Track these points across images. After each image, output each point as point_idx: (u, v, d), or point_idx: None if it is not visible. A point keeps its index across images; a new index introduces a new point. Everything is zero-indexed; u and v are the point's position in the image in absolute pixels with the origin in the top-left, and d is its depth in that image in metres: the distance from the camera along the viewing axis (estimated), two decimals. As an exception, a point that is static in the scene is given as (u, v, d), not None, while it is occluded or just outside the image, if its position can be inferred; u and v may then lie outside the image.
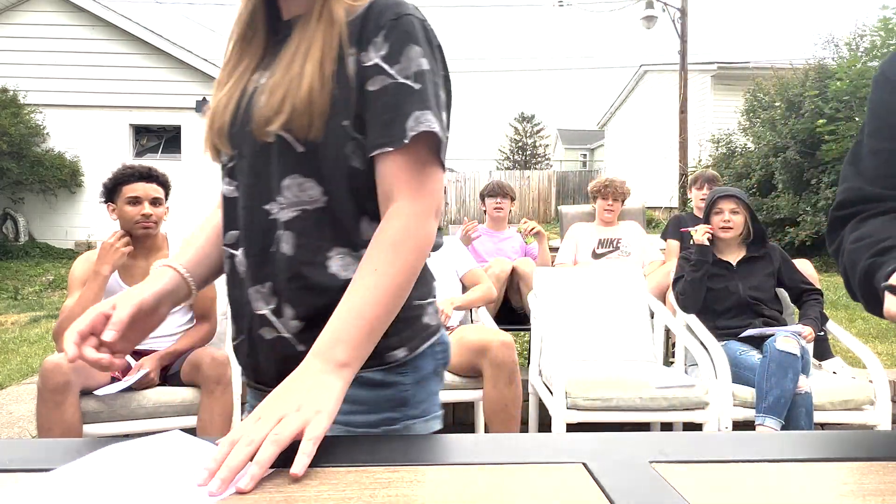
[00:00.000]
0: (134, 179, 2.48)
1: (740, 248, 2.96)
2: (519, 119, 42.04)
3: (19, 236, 10.11)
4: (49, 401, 2.11)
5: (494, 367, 2.42)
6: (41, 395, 2.12)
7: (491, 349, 2.43)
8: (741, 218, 2.90)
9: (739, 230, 2.91)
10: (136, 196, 2.46)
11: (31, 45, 10.26)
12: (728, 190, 2.99)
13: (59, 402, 2.11)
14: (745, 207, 2.91)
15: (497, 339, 2.46)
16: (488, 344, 2.44)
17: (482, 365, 2.46)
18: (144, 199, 2.47)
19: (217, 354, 2.31)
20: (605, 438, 0.72)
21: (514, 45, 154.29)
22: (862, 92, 8.48)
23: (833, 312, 5.02)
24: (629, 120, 18.91)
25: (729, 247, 2.94)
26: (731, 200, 2.90)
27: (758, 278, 2.87)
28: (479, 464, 0.65)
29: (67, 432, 2.14)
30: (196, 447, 0.69)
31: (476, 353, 2.47)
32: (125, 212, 2.47)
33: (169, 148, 10.81)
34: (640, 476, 0.61)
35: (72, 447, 0.69)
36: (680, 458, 0.66)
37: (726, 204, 2.91)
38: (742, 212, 2.91)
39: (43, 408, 2.12)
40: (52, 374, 2.11)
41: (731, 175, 10.53)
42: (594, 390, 2.41)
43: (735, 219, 2.89)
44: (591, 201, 4.06)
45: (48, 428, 2.12)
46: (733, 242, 2.94)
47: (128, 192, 2.46)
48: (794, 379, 2.37)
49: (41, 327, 5.32)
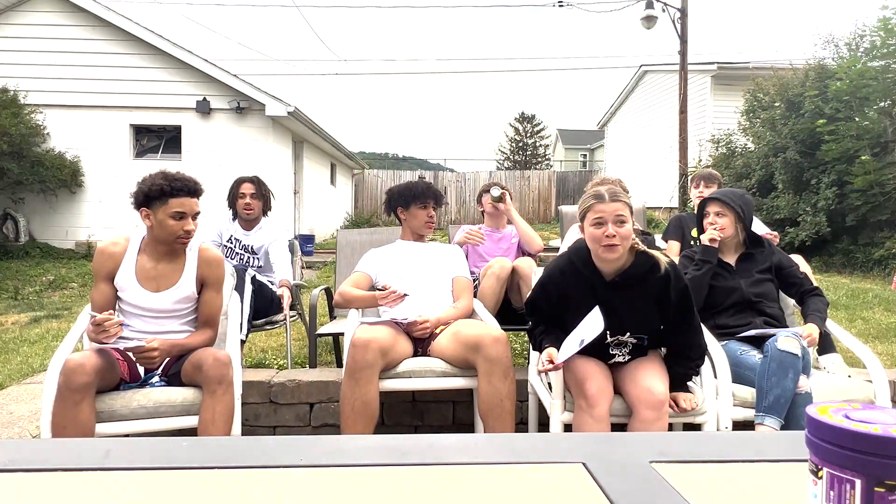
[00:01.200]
0: (184, 194, 2.40)
1: (737, 248, 2.96)
2: (519, 119, 42.06)
3: (19, 236, 10.11)
4: (68, 399, 2.12)
5: (488, 362, 2.43)
6: (60, 394, 2.13)
7: (484, 345, 2.43)
8: (727, 220, 2.87)
9: (730, 232, 2.88)
10: (182, 212, 2.40)
11: (31, 45, 10.27)
12: (718, 192, 3.00)
13: (78, 402, 2.13)
14: (730, 209, 2.88)
15: (490, 334, 2.47)
16: (482, 339, 2.45)
17: (476, 361, 2.46)
18: (190, 214, 2.42)
19: (219, 355, 2.31)
20: (605, 438, 0.72)
21: (514, 45, 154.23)
22: (862, 92, 8.49)
23: (833, 312, 5.02)
24: (629, 120, 18.91)
25: (726, 248, 2.94)
26: (715, 203, 2.91)
27: (758, 273, 2.88)
28: (479, 464, 0.65)
29: (81, 432, 2.15)
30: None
31: (470, 349, 2.48)
32: (168, 225, 2.39)
33: (169, 148, 10.81)
34: (640, 476, 0.61)
35: (72, 447, 0.69)
36: (680, 458, 0.66)
37: (712, 207, 2.92)
38: (728, 213, 2.88)
39: (61, 406, 2.12)
40: (75, 373, 2.12)
41: (731, 175, 10.54)
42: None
43: (720, 221, 2.87)
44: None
45: (63, 426, 2.12)
46: (729, 245, 2.94)
47: (175, 205, 2.38)
48: (794, 379, 2.37)
49: (41, 327, 5.32)
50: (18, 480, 0.62)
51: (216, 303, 2.57)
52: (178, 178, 2.41)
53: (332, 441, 0.82)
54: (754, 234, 2.96)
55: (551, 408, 2.40)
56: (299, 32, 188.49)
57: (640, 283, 2.24)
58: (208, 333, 2.53)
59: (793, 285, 2.93)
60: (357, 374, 2.41)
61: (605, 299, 2.24)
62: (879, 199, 8.21)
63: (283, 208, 11.17)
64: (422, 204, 3.12)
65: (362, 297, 2.89)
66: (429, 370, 2.59)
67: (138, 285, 2.45)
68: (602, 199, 2.19)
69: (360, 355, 2.42)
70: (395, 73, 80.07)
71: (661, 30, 24.15)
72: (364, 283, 3.00)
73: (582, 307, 2.26)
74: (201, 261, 2.53)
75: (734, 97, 12.55)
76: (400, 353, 2.64)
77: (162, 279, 2.47)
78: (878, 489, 0.54)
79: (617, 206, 2.18)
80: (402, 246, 3.16)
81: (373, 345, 2.43)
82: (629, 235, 2.18)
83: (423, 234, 3.17)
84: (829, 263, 8.97)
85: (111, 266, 2.46)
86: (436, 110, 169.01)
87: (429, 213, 3.13)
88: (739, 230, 2.92)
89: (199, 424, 2.27)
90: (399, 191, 3.17)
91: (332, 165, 16.23)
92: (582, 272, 2.30)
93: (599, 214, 2.17)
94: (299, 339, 4.24)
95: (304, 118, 11.30)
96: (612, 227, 2.15)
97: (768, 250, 2.96)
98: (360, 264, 3.10)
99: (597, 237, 2.18)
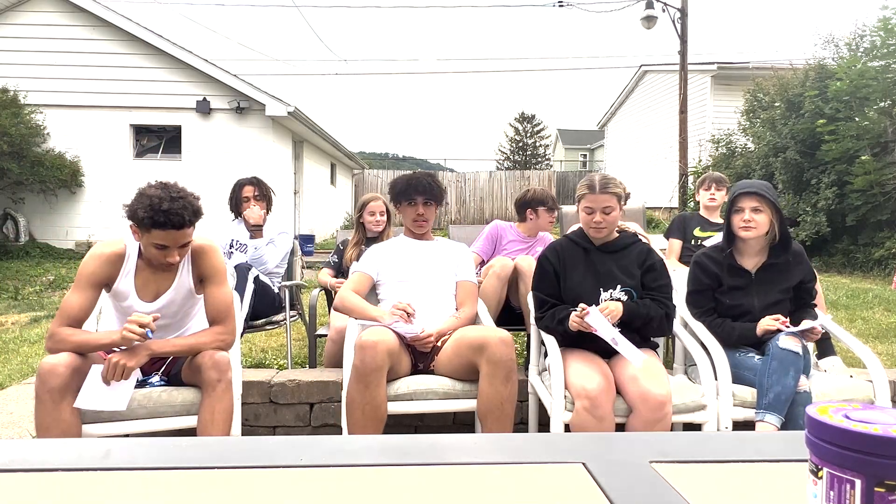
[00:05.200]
0: (167, 227, 2.17)
1: (762, 252, 2.69)
2: (519, 119, 42.04)
3: (20, 236, 10.11)
4: (47, 402, 2.11)
5: (492, 364, 2.39)
6: (39, 397, 2.12)
7: (489, 346, 2.40)
8: (765, 217, 2.59)
9: (763, 230, 2.59)
10: (164, 244, 2.22)
11: (31, 45, 10.27)
12: (751, 185, 2.63)
13: (57, 402, 2.11)
14: (769, 205, 2.58)
15: (496, 335, 2.43)
16: (487, 340, 2.41)
17: (479, 362, 2.42)
18: (174, 246, 2.23)
19: (218, 355, 2.30)
20: (605, 438, 0.72)
21: (514, 45, 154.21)
22: (862, 92, 8.49)
23: (833, 312, 5.02)
24: (629, 120, 18.91)
25: (750, 249, 2.69)
26: (752, 198, 2.58)
27: (775, 293, 2.65)
28: (479, 464, 0.65)
29: (66, 432, 2.14)
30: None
31: (474, 350, 2.44)
32: (151, 252, 2.25)
33: (169, 148, 10.82)
34: (640, 476, 0.61)
35: (72, 447, 0.69)
36: (680, 458, 0.66)
37: (748, 202, 2.59)
38: (766, 210, 2.58)
39: (41, 408, 2.12)
40: (49, 375, 2.11)
41: (731, 175, 10.53)
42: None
43: (757, 218, 2.58)
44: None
45: (46, 427, 2.12)
46: (755, 244, 2.67)
47: (157, 237, 2.19)
48: (795, 377, 2.37)
49: (41, 327, 5.31)
50: (18, 480, 0.62)
51: (219, 297, 2.39)
52: (164, 212, 2.15)
53: (332, 441, 0.82)
54: (786, 233, 2.63)
55: (551, 408, 2.40)
56: (299, 32, 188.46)
57: (624, 249, 2.64)
58: (215, 332, 2.36)
59: (799, 299, 2.72)
60: (367, 377, 2.34)
61: (597, 259, 2.62)
62: (879, 199, 8.21)
63: (284, 208, 11.17)
64: (408, 200, 2.87)
65: (364, 311, 2.71)
66: (430, 391, 2.52)
67: (138, 299, 2.36)
68: (593, 191, 2.55)
69: (369, 357, 2.34)
70: (395, 73, 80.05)
71: (661, 30, 24.17)
72: (366, 285, 2.86)
73: (578, 270, 2.61)
74: (194, 254, 2.39)
75: (734, 97, 12.56)
76: (401, 367, 2.55)
77: (161, 283, 2.39)
78: (878, 489, 0.54)
79: (605, 197, 2.54)
80: (405, 243, 2.96)
81: (381, 346, 2.36)
82: (615, 220, 2.58)
83: (415, 232, 2.93)
84: (829, 263, 8.97)
85: (110, 272, 2.32)
86: (436, 110, 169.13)
87: (417, 211, 2.86)
88: (775, 227, 2.62)
89: (199, 424, 2.27)
90: (392, 184, 2.97)
91: (332, 165, 16.23)
92: (577, 242, 2.67)
93: (590, 204, 2.56)
94: (299, 339, 4.24)
95: (304, 118, 11.30)
96: (599, 215, 2.55)
97: (795, 261, 2.67)
98: (361, 262, 2.95)
99: (587, 221, 2.59)
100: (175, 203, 2.18)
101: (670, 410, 2.29)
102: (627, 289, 2.57)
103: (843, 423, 0.56)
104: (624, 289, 2.57)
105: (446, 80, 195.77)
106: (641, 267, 2.61)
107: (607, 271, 2.59)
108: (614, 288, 2.58)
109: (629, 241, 2.66)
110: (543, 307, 2.63)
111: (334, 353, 3.23)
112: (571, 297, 2.56)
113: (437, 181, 2.91)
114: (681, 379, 2.69)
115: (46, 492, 0.64)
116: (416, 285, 2.82)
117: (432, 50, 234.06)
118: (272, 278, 3.80)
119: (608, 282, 2.58)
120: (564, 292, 2.61)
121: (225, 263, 2.56)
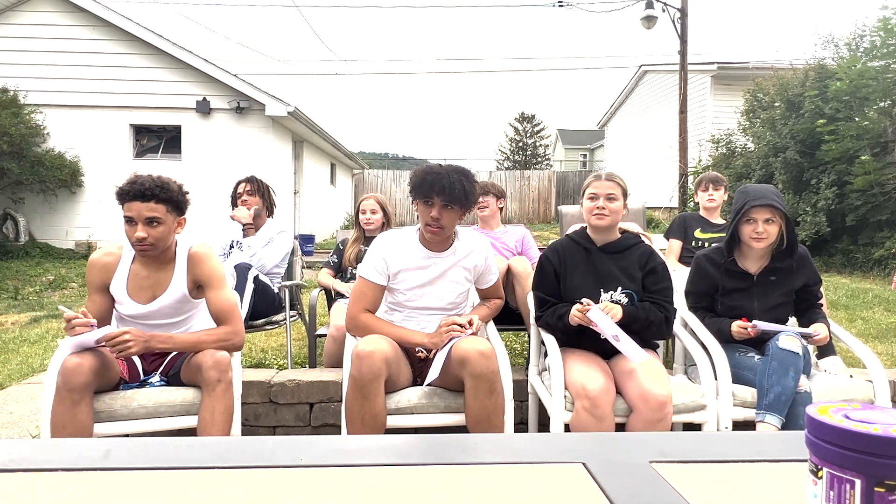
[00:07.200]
0: (129, 198, 2.29)
1: (765, 255, 2.69)
2: (519, 119, 42.07)
3: (19, 236, 10.11)
4: (67, 400, 2.11)
5: (474, 378, 2.32)
6: (59, 394, 2.12)
7: (469, 360, 2.32)
8: (776, 228, 2.58)
9: (773, 240, 2.60)
10: (130, 216, 2.31)
11: (31, 45, 10.27)
12: (763, 196, 2.58)
13: (77, 402, 2.12)
14: (780, 215, 2.57)
15: (475, 349, 2.33)
16: (467, 355, 2.33)
17: (463, 376, 2.36)
18: (138, 220, 2.29)
19: (218, 355, 2.31)
20: (605, 438, 0.72)
21: (514, 45, 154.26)
22: (862, 92, 8.49)
23: (833, 312, 5.02)
24: (629, 120, 18.92)
25: (754, 253, 2.69)
26: (766, 210, 2.55)
27: (776, 297, 2.65)
28: (479, 464, 0.65)
29: (80, 432, 2.15)
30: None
31: (458, 365, 2.37)
32: (125, 229, 2.34)
33: (169, 148, 10.82)
34: (640, 476, 0.61)
35: (72, 447, 0.69)
36: (680, 458, 0.66)
37: (761, 213, 2.57)
38: (778, 220, 2.58)
39: (60, 406, 2.12)
40: (73, 374, 2.11)
41: (731, 175, 10.54)
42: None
43: (770, 229, 2.57)
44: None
45: (62, 426, 2.12)
46: (761, 249, 2.66)
47: (125, 210, 2.31)
48: (795, 377, 2.37)
49: (41, 327, 5.31)
50: (18, 480, 0.62)
51: (219, 300, 2.43)
52: (131, 182, 2.29)
53: (332, 441, 0.82)
54: (793, 238, 2.61)
55: (551, 408, 2.40)
56: (299, 32, 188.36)
57: (626, 250, 2.64)
58: (219, 333, 2.40)
59: (804, 301, 2.72)
60: (364, 387, 2.31)
61: (598, 260, 2.62)
62: (879, 199, 8.21)
63: (283, 208, 11.16)
64: (424, 198, 2.45)
65: (402, 337, 2.50)
66: (431, 405, 2.48)
67: (129, 298, 2.39)
68: (599, 178, 2.63)
69: (366, 367, 2.30)
70: (395, 73, 80.00)
71: (661, 30, 24.19)
72: (378, 297, 2.57)
73: (579, 270, 2.61)
74: (189, 261, 2.45)
75: (734, 97, 12.57)
76: (401, 378, 2.48)
77: (157, 287, 2.41)
78: (878, 489, 0.54)
79: (609, 184, 2.59)
80: (413, 255, 2.56)
81: (377, 355, 2.32)
82: (618, 211, 2.58)
83: (426, 237, 2.52)
84: (829, 263, 8.97)
85: (104, 277, 2.39)
86: (435, 110, 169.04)
87: (431, 214, 2.42)
88: (783, 234, 2.62)
89: (199, 424, 2.27)
90: (412, 174, 2.54)
91: (331, 165, 16.23)
92: (579, 242, 2.68)
93: (594, 190, 2.59)
94: (299, 339, 4.24)
95: (304, 118, 11.31)
96: (602, 200, 2.56)
97: (799, 265, 2.66)
98: (366, 268, 2.56)
99: (590, 208, 2.59)
100: (147, 180, 2.33)
101: (671, 410, 2.28)
102: (628, 291, 2.57)
103: (843, 423, 0.56)
104: (624, 291, 2.57)
105: (446, 79, 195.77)
106: (643, 269, 2.60)
107: (608, 272, 2.59)
108: (615, 289, 2.58)
109: (631, 242, 2.65)
110: (544, 307, 2.64)
111: (334, 352, 3.23)
112: (571, 297, 2.55)
113: (465, 181, 2.43)
114: (681, 379, 2.69)
115: (46, 492, 0.64)
116: (411, 313, 2.63)
117: (432, 50, 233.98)
118: (272, 278, 3.80)
119: (609, 283, 2.58)
120: (565, 292, 2.61)
121: (222, 266, 2.57)
